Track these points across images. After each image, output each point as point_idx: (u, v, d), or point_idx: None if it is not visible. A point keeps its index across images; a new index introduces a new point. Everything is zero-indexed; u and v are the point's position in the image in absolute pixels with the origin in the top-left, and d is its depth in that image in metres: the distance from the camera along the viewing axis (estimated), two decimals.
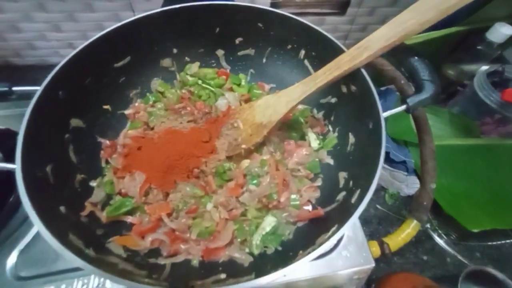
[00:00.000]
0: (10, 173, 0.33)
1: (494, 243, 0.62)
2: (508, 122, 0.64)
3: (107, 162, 0.47)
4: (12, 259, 0.44)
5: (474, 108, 0.67)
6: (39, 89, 0.37)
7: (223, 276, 0.34)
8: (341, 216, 0.32)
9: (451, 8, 0.32)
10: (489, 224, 0.58)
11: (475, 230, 0.56)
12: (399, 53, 0.40)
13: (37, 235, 0.47)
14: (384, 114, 0.36)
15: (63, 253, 0.27)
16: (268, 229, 0.40)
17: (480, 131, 0.69)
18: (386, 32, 0.36)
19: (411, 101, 0.37)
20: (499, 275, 0.47)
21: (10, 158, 0.34)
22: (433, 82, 0.37)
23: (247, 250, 0.39)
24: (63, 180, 0.38)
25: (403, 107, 0.37)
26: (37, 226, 0.28)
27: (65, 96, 0.41)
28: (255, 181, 0.43)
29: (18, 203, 0.50)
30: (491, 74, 0.65)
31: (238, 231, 0.40)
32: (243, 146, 0.46)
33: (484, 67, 0.67)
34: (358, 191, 0.34)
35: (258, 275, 0.28)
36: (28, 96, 0.42)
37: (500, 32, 0.62)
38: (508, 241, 0.62)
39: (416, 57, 0.38)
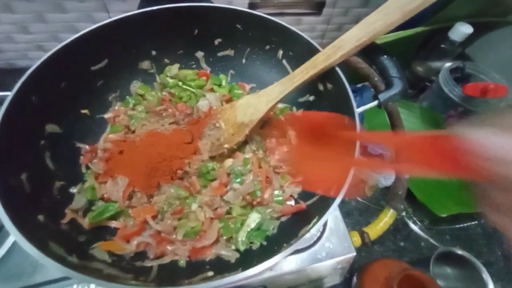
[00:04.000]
0: None
1: (461, 225, 0.67)
2: (470, 115, 0.69)
3: (87, 167, 0.46)
4: None
5: (440, 102, 0.73)
6: (9, 94, 0.35)
7: (210, 273, 0.34)
8: (321, 208, 0.34)
9: (414, 10, 0.35)
10: (456, 208, 0.63)
11: (443, 215, 0.61)
12: (370, 52, 0.42)
13: (12, 248, 0.45)
14: (358, 110, 0.39)
15: (44, 261, 0.26)
16: (253, 225, 0.41)
17: (446, 123, 0.74)
18: (357, 32, 0.39)
19: (382, 97, 0.39)
20: (465, 254, 0.52)
21: None
22: (401, 79, 0.39)
23: (233, 247, 0.40)
24: (40, 188, 0.37)
25: (375, 102, 0.40)
26: (15, 236, 0.27)
27: (39, 101, 0.39)
28: (238, 180, 0.44)
29: None
30: (454, 70, 0.70)
31: (224, 229, 0.41)
32: (226, 145, 0.47)
33: (448, 64, 0.72)
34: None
35: (244, 270, 0.29)
36: None
37: (460, 31, 0.67)
38: (473, 223, 0.67)
39: (385, 56, 0.41)
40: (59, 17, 0.75)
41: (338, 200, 0.32)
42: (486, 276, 0.50)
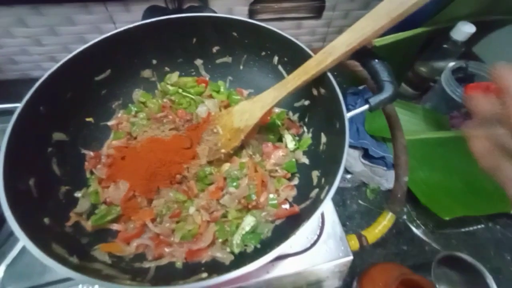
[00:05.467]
0: None
1: (468, 229, 0.65)
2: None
3: (91, 172, 0.48)
4: None
5: (443, 103, 0.71)
6: (19, 105, 0.38)
7: (204, 275, 0.35)
8: (312, 211, 0.34)
9: (401, 15, 0.35)
10: (461, 211, 0.61)
11: (447, 218, 0.60)
12: (362, 56, 0.42)
13: (23, 249, 0.47)
14: (348, 115, 0.39)
15: (46, 261, 0.28)
16: (247, 228, 0.42)
17: (450, 125, 0.73)
18: (347, 38, 0.39)
19: (373, 100, 0.40)
20: (468, 258, 0.51)
21: None
22: (392, 82, 0.40)
23: (228, 249, 0.41)
24: (46, 193, 0.39)
25: (366, 106, 0.40)
26: (20, 237, 0.29)
27: (46, 111, 0.42)
28: (234, 184, 0.45)
29: (3, 218, 0.51)
30: (456, 70, 0.69)
31: (219, 232, 0.42)
32: (223, 150, 0.48)
33: (451, 64, 0.71)
34: (327, 187, 0.37)
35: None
36: (8, 112, 0.43)
37: (462, 31, 0.66)
38: (480, 226, 0.66)
39: (376, 60, 0.41)
40: (69, 29, 0.79)
41: (325, 203, 0.32)
42: (490, 281, 0.49)
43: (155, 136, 0.52)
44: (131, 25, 0.49)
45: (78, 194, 0.45)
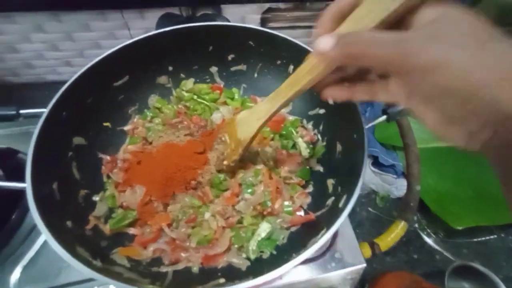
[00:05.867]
0: (12, 192, 0.35)
1: (480, 239, 0.65)
2: None
3: (108, 177, 0.49)
4: (15, 275, 0.46)
5: None
6: (45, 111, 0.39)
7: (222, 280, 0.36)
8: (330, 219, 0.35)
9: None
10: (473, 221, 0.61)
11: (459, 228, 0.60)
12: None
13: (40, 251, 0.49)
14: (366, 126, 0.40)
15: (74, 264, 0.29)
16: (263, 235, 0.42)
17: None
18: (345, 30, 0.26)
19: (391, 112, 0.40)
20: (482, 268, 0.51)
21: (12, 176, 0.36)
22: None
23: (244, 255, 0.42)
24: (68, 196, 0.41)
25: (384, 117, 0.41)
26: (49, 241, 0.30)
27: (68, 116, 0.43)
28: (250, 190, 0.46)
29: (20, 220, 0.52)
30: None
31: (235, 238, 0.42)
32: (225, 162, 0.47)
33: None
34: (345, 196, 0.37)
35: (255, 278, 0.30)
36: (31, 117, 0.45)
37: None
38: (492, 237, 0.65)
39: None
40: (85, 35, 0.81)
41: (346, 212, 0.33)
42: None
43: (170, 142, 0.53)
44: (151, 33, 0.50)
45: (96, 198, 0.46)
